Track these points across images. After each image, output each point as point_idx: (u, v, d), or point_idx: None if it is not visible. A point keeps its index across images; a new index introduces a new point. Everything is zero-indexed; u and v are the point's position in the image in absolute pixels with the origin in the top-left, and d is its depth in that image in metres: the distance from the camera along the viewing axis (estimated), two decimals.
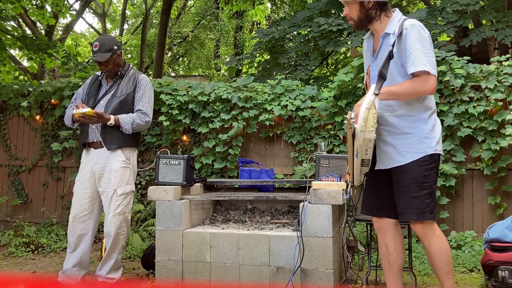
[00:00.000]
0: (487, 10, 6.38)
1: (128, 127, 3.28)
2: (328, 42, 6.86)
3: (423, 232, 2.44)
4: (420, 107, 2.44)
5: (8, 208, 5.69)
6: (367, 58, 2.65)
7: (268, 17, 17.47)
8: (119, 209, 3.28)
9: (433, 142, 2.43)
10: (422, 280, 3.57)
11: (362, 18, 2.47)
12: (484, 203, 4.30)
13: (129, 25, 22.14)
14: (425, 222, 2.43)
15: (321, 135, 4.68)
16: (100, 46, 3.30)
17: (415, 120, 2.43)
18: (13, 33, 7.31)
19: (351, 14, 2.48)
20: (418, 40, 2.34)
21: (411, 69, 2.32)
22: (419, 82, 2.32)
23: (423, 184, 2.40)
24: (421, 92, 2.36)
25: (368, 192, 2.67)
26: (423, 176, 2.40)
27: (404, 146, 2.43)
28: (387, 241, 2.59)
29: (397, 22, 2.43)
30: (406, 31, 2.36)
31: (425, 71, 2.30)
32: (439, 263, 2.46)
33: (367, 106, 2.20)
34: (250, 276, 3.07)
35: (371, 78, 2.52)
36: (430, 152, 2.41)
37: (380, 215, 2.60)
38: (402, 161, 2.43)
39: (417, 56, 2.31)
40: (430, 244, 2.45)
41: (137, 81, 3.41)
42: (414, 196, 2.40)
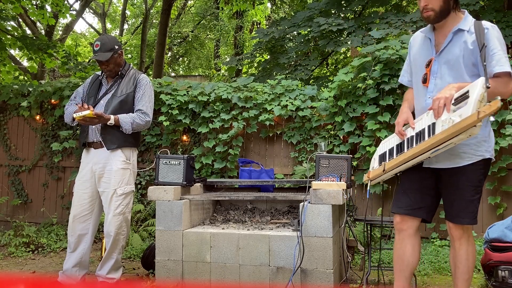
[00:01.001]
0: (487, 10, 6.39)
1: (128, 127, 3.28)
2: (328, 42, 6.86)
3: (460, 234, 2.41)
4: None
5: (8, 208, 5.69)
6: (424, 50, 2.53)
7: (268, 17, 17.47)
8: (119, 209, 3.28)
9: (490, 146, 2.40)
10: (422, 280, 3.58)
11: (444, 9, 2.39)
12: (484, 203, 4.30)
13: (129, 25, 22.14)
14: (468, 227, 2.40)
15: (321, 135, 4.68)
16: (101, 45, 3.30)
17: None
18: (13, 33, 7.32)
19: (432, 4, 2.38)
20: (499, 42, 2.31)
21: (497, 68, 2.27)
22: (502, 83, 2.28)
23: (477, 189, 2.36)
24: (501, 93, 2.29)
25: (410, 191, 2.53)
26: (478, 181, 2.36)
27: (463, 147, 2.34)
28: (407, 244, 2.51)
29: (470, 20, 2.39)
30: (487, 30, 2.32)
31: (509, 72, 2.27)
32: (463, 268, 2.42)
33: (479, 98, 2.06)
34: (250, 276, 3.07)
35: (432, 71, 2.45)
36: (487, 156, 2.37)
37: (418, 215, 2.50)
38: (460, 163, 2.35)
39: (502, 57, 2.28)
40: (462, 247, 2.41)
41: (138, 81, 3.41)
42: (470, 200, 2.36)
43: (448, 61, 2.40)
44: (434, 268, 3.77)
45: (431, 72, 2.45)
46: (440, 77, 2.41)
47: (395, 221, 2.56)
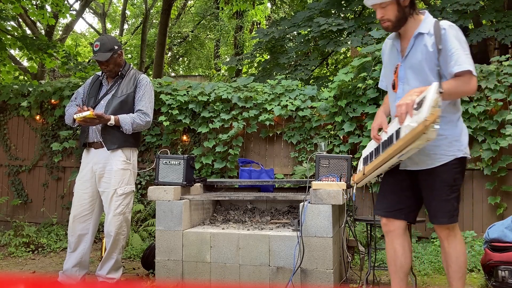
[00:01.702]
0: (487, 10, 6.38)
1: (128, 127, 3.28)
2: (328, 42, 6.86)
3: (446, 234, 2.42)
4: (451, 109, 2.40)
5: (8, 208, 5.69)
6: (392, 56, 2.59)
7: (268, 17, 17.47)
8: (120, 209, 3.28)
9: (462, 145, 2.41)
10: (422, 280, 3.58)
11: (400, 18, 2.43)
12: (484, 203, 4.30)
13: (129, 25, 22.14)
14: (452, 226, 2.41)
15: (321, 135, 4.68)
16: (101, 45, 3.30)
17: (446, 122, 2.38)
18: (13, 33, 7.31)
19: (387, 15, 2.43)
20: (457, 40, 2.32)
21: (456, 68, 2.29)
22: (463, 82, 2.29)
23: (453, 188, 2.38)
24: (464, 92, 2.34)
25: (388, 193, 2.59)
26: (453, 180, 2.38)
27: (434, 149, 2.37)
28: (396, 245, 2.55)
29: (430, 22, 2.41)
30: (444, 31, 2.34)
31: (469, 71, 2.28)
32: (455, 266, 2.43)
33: (433, 104, 2.08)
34: (250, 276, 3.07)
35: (399, 77, 2.48)
36: (460, 155, 2.39)
37: (398, 217, 2.54)
38: (432, 164, 2.39)
39: (460, 56, 2.29)
40: (451, 246, 2.43)
41: (138, 81, 3.41)
42: (446, 199, 2.37)
43: (412, 66, 2.43)
44: (434, 268, 3.77)
45: (398, 78, 2.50)
46: (407, 82, 2.44)
47: (382, 223, 2.61)
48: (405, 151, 2.23)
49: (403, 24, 2.45)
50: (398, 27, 2.46)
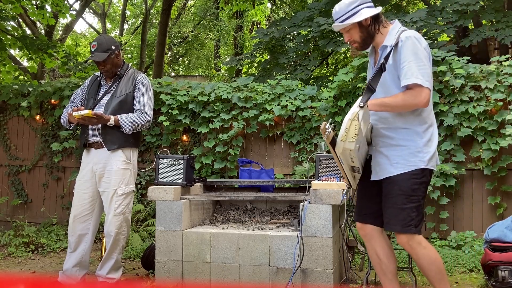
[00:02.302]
0: (487, 10, 6.38)
1: (128, 127, 3.28)
2: (328, 42, 6.86)
3: (409, 246, 2.44)
4: (415, 120, 2.44)
5: (8, 208, 5.69)
6: (369, 71, 2.69)
7: (268, 17, 17.47)
8: (120, 209, 3.28)
9: (426, 157, 2.43)
10: (422, 280, 3.57)
11: (365, 37, 2.50)
12: (484, 203, 4.30)
13: (129, 25, 22.13)
14: (410, 235, 2.42)
15: (321, 135, 4.68)
16: (98, 46, 3.30)
17: (410, 133, 2.43)
18: (13, 33, 7.31)
19: (353, 37, 2.51)
20: (411, 52, 2.34)
21: (404, 82, 2.34)
22: (412, 94, 2.33)
23: (410, 197, 2.41)
24: (413, 104, 2.37)
25: (358, 199, 2.70)
26: (411, 189, 2.41)
27: (396, 158, 2.44)
28: (376, 247, 2.60)
29: (395, 34, 2.44)
30: (401, 43, 2.37)
31: (417, 83, 2.30)
32: (431, 273, 2.45)
33: (351, 117, 2.24)
34: (250, 276, 3.07)
35: None
36: (421, 166, 2.41)
37: (366, 221, 2.62)
38: (392, 172, 2.44)
39: (410, 69, 2.32)
40: (419, 257, 2.44)
41: (136, 81, 3.41)
42: (401, 208, 2.41)
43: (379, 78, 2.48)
44: None
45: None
46: (375, 95, 2.47)
47: (357, 227, 2.70)
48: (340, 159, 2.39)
49: (370, 42, 2.53)
50: (366, 45, 2.55)
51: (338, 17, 2.48)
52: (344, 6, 2.45)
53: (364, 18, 2.43)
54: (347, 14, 2.45)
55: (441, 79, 4.26)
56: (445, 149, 4.26)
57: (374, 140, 2.52)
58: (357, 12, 2.44)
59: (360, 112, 2.27)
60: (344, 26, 2.48)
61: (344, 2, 2.47)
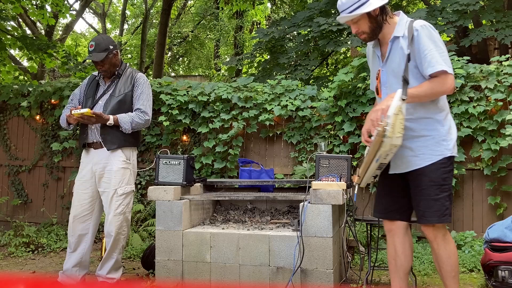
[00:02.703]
0: (487, 10, 6.38)
1: (127, 127, 3.28)
2: (328, 42, 6.86)
3: (434, 235, 2.42)
4: (435, 108, 2.42)
5: (8, 208, 5.69)
6: (374, 63, 2.63)
7: (268, 17, 17.48)
8: (120, 209, 3.28)
9: (450, 144, 2.41)
10: (422, 280, 3.58)
11: (374, 28, 2.45)
12: (484, 203, 4.30)
13: (129, 25, 22.14)
14: (438, 225, 2.41)
15: (321, 135, 4.68)
16: (95, 46, 3.29)
17: (432, 122, 2.41)
18: (13, 33, 7.31)
19: (362, 28, 2.46)
20: (430, 40, 2.33)
21: (429, 70, 2.30)
22: (438, 82, 2.31)
23: (442, 187, 2.39)
24: (441, 92, 2.35)
25: (382, 196, 2.64)
26: (442, 179, 2.39)
27: (422, 149, 2.40)
28: (396, 243, 2.57)
29: (404, 24, 2.42)
30: (417, 32, 2.35)
31: (443, 70, 2.29)
32: (447, 267, 2.44)
33: (395, 111, 2.16)
34: (250, 276, 3.07)
35: (382, 82, 2.51)
36: (448, 155, 2.40)
37: (393, 217, 2.58)
38: (420, 164, 2.40)
39: (434, 57, 2.30)
40: (440, 247, 2.43)
41: (135, 80, 3.40)
42: (435, 199, 2.38)
43: (393, 70, 2.45)
44: (434, 268, 3.77)
45: (381, 83, 2.53)
46: (390, 87, 2.46)
47: (383, 223, 2.65)
48: (377, 156, 2.30)
49: (379, 32, 2.48)
50: (374, 36, 2.49)
51: (346, 8, 2.41)
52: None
53: (374, 8, 2.38)
54: (355, 5, 2.39)
55: None
56: None
57: None
58: (366, 1, 2.38)
59: (403, 105, 2.22)
60: (353, 17, 2.41)
61: None
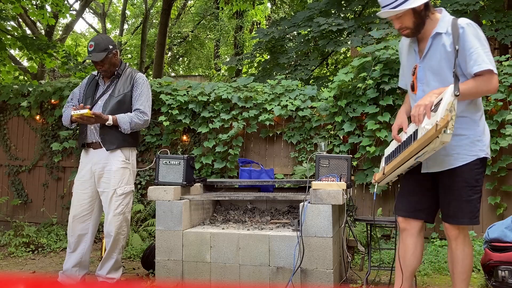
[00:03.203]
0: (487, 10, 6.38)
1: (126, 127, 3.27)
2: (328, 42, 6.87)
3: (456, 235, 2.40)
4: (472, 107, 2.38)
5: (8, 208, 5.69)
6: (409, 58, 2.56)
7: (268, 17, 17.48)
8: (119, 209, 3.28)
9: (484, 145, 2.38)
10: (422, 280, 3.58)
11: (418, 23, 2.39)
12: (484, 203, 4.30)
13: (129, 25, 22.14)
14: (463, 227, 2.39)
15: (321, 135, 4.68)
16: (95, 46, 3.29)
17: (468, 121, 2.37)
18: (13, 33, 7.32)
19: (405, 24, 2.40)
20: (476, 38, 2.29)
21: (475, 68, 2.26)
22: (484, 81, 2.27)
23: (475, 188, 2.36)
24: (485, 91, 2.31)
25: (408, 194, 2.57)
26: (475, 180, 2.35)
27: (456, 148, 2.36)
28: (409, 243, 2.54)
29: (447, 21, 2.38)
30: (462, 30, 2.30)
31: (489, 69, 2.25)
32: (461, 268, 2.42)
33: (447, 107, 2.10)
34: (250, 276, 3.07)
35: (418, 78, 2.46)
36: (482, 156, 2.37)
37: (419, 217, 2.53)
38: (454, 164, 2.36)
39: (480, 55, 2.26)
40: (458, 247, 2.41)
41: (134, 80, 3.40)
42: (467, 200, 2.35)
43: (431, 66, 2.41)
44: (434, 268, 3.77)
45: (417, 79, 2.48)
46: (427, 84, 2.42)
47: (399, 220, 2.60)
48: (421, 153, 2.23)
49: (422, 28, 2.41)
50: (418, 32, 2.43)
51: (390, 3, 2.35)
52: None
53: (419, 4, 2.32)
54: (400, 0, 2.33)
55: None
56: None
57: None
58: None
59: (455, 101, 2.15)
60: (398, 12, 2.35)
61: None
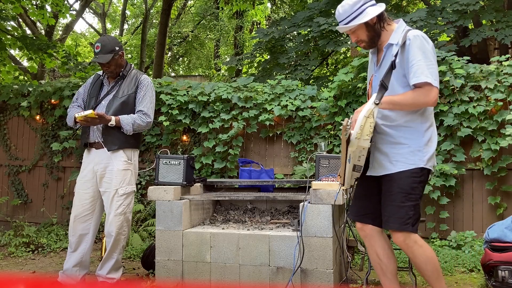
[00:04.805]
0: (487, 10, 6.38)
1: (129, 128, 3.28)
2: (328, 42, 6.86)
3: (405, 244, 2.44)
4: (418, 118, 2.44)
5: (8, 208, 5.69)
6: (370, 68, 2.67)
7: (268, 17, 17.48)
8: (120, 209, 3.28)
9: (426, 156, 2.43)
10: (422, 280, 3.57)
11: (372, 36, 2.49)
12: (484, 203, 4.30)
13: (129, 25, 22.14)
14: (406, 234, 2.42)
15: (321, 135, 4.68)
16: (102, 47, 3.30)
17: (412, 132, 2.43)
18: (13, 33, 7.31)
19: (360, 37, 2.49)
20: (421, 51, 2.34)
21: (414, 80, 2.33)
22: (421, 93, 2.33)
23: (409, 196, 2.41)
24: (422, 103, 2.37)
25: (357, 198, 2.69)
26: (411, 188, 2.41)
27: (396, 156, 2.44)
28: (376, 248, 2.60)
29: (401, 32, 2.43)
30: (409, 41, 2.36)
31: (427, 82, 2.30)
32: (427, 272, 2.45)
33: (366, 114, 2.23)
34: (250, 276, 3.07)
35: (373, 87, 2.54)
36: (421, 165, 2.42)
37: (365, 221, 2.61)
38: (392, 170, 2.44)
39: (420, 67, 2.31)
40: (415, 255, 2.44)
41: (139, 82, 3.41)
42: (399, 206, 2.40)
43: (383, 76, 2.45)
44: None
45: (372, 88, 2.56)
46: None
47: (357, 227, 2.68)
48: (349, 156, 2.38)
49: (377, 40, 2.52)
50: (373, 44, 2.54)
51: (343, 19, 2.46)
52: (349, 7, 2.43)
53: (370, 18, 2.41)
54: (352, 15, 2.42)
55: (441, 79, 4.26)
56: (445, 149, 4.26)
57: (375, 136, 2.50)
58: (363, 11, 2.42)
59: (375, 109, 2.26)
60: (350, 28, 2.45)
61: (347, 3, 2.44)
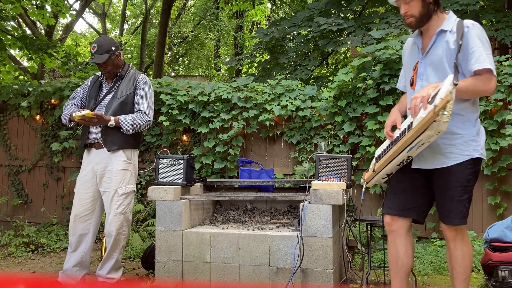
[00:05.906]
0: (487, 10, 6.38)
1: (128, 128, 3.28)
2: (328, 42, 6.87)
3: (453, 235, 2.40)
4: (470, 107, 2.38)
5: (8, 208, 5.69)
6: (412, 55, 2.57)
7: (268, 17, 17.49)
8: (120, 209, 3.28)
9: (479, 146, 2.37)
10: (422, 280, 3.58)
11: (424, 14, 2.40)
12: (484, 203, 4.30)
13: (129, 25, 22.15)
14: (461, 227, 2.39)
15: (321, 135, 4.68)
16: (98, 47, 3.30)
17: (464, 121, 2.36)
18: (13, 33, 7.32)
19: (411, 11, 2.40)
20: (479, 39, 2.30)
21: (476, 66, 2.27)
22: (482, 80, 2.27)
23: (466, 188, 2.35)
24: (482, 91, 2.31)
25: (399, 192, 2.55)
26: (466, 180, 2.35)
27: (449, 147, 2.35)
28: (398, 244, 2.53)
29: (453, 21, 2.40)
30: (467, 29, 2.32)
31: (489, 69, 2.26)
32: (460, 268, 2.42)
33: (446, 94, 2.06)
34: (250, 276, 3.07)
35: (418, 74, 2.47)
36: (475, 156, 2.35)
37: (410, 215, 2.52)
38: (446, 163, 2.35)
39: (482, 55, 2.27)
40: (457, 247, 2.41)
41: (137, 82, 3.41)
42: (458, 200, 2.35)
43: (433, 62, 2.41)
44: (434, 268, 3.77)
45: (417, 75, 2.48)
46: (426, 79, 2.42)
47: (385, 222, 2.58)
48: (415, 143, 2.21)
49: (426, 21, 2.42)
50: (421, 23, 2.44)
51: None
52: None
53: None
54: None
55: None
56: None
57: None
58: None
59: (453, 90, 2.10)
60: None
61: None
